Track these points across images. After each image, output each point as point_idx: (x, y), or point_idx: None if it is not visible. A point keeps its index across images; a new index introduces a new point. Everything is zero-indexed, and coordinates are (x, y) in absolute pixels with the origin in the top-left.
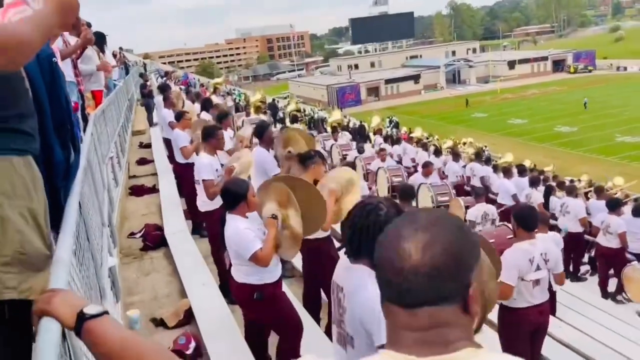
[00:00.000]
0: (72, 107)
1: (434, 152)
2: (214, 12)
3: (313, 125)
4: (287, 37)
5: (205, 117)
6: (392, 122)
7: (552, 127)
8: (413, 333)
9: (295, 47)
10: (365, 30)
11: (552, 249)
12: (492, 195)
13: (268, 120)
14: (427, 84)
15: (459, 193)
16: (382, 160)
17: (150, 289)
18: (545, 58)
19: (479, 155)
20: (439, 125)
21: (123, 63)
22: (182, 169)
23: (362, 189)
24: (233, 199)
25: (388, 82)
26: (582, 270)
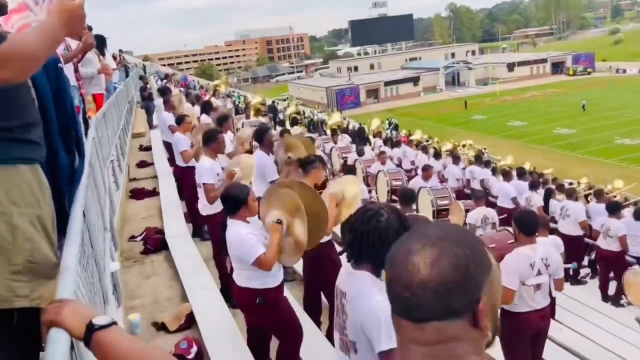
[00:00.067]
0: (76, 111)
1: (434, 155)
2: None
3: (313, 128)
4: (286, 39)
5: (206, 119)
6: (391, 124)
7: (551, 129)
8: (421, 347)
9: (295, 49)
10: (365, 32)
11: (552, 254)
12: (492, 199)
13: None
14: (426, 86)
15: (459, 197)
16: (382, 164)
17: (151, 293)
18: (545, 60)
19: (479, 158)
20: (438, 127)
21: (123, 65)
22: (182, 172)
23: (362, 192)
24: (234, 204)
25: (387, 84)
26: (582, 274)
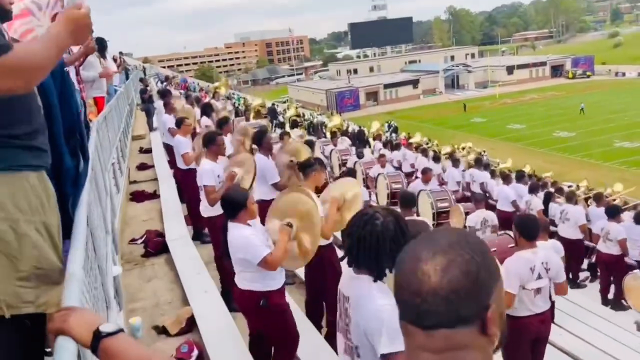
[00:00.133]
0: (81, 115)
1: (433, 158)
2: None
3: (312, 130)
4: (286, 41)
5: (206, 122)
6: (390, 126)
7: (550, 132)
8: (430, 354)
9: (295, 51)
10: (365, 35)
11: (553, 258)
12: (492, 202)
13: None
14: (425, 89)
15: (459, 200)
16: (381, 167)
17: (152, 296)
18: (544, 63)
19: (479, 161)
20: (438, 130)
21: (124, 68)
22: (183, 175)
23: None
24: (233, 208)
25: (387, 86)
26: (581, 277)
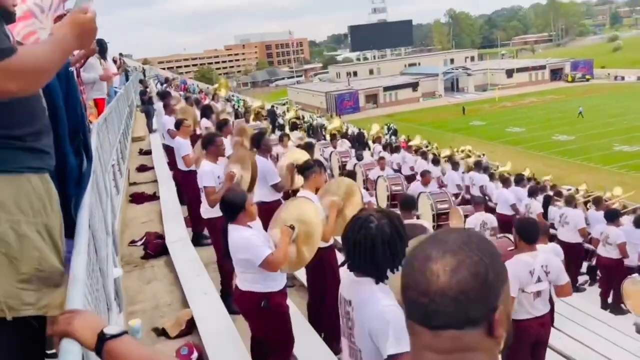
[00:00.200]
0: (86, 115)
1: (432, 160)
2: (213, 18)
3: (312, 133)
4: (286, 43)
5: (206, 123)
6: (390, 129)
7: (550, 135)
8: (435, 354)
9: (294, 53)
10: (364, 38)
11: (552, 261)
12: (491, 204)
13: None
14: (425, 92)
15: (459, 203)
16: (381, 169)
17: (152, 298)
18: (543, 67)
19: (479, 164)
20: (438, 133)
21: (123, 69)
22: (184, 177)
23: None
24: (232, 210)
25: (386, 89)
26: (580, 281)
